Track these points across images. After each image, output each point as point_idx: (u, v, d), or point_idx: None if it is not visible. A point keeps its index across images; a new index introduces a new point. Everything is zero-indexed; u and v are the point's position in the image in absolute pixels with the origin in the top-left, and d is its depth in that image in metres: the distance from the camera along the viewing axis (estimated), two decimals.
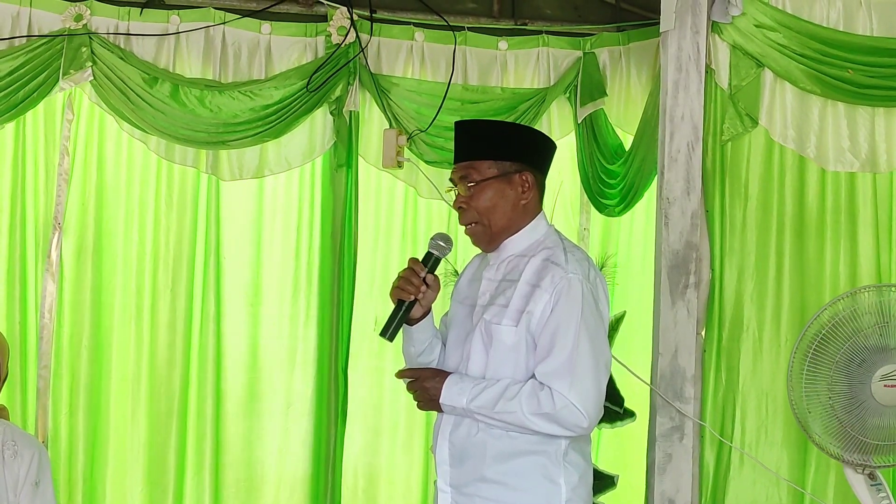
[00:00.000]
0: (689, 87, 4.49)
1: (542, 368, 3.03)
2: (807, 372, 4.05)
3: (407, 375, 3.21)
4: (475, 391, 3.06)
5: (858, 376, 4.02)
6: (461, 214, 3.18)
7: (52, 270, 5.19)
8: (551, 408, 2.99)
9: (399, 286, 3.14)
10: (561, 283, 3.04)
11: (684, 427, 4.42)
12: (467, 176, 3.15)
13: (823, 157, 4.74)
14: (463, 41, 5.50)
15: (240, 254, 5.38)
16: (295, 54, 5.37)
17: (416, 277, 3.14)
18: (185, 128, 5.22)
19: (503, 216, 3.15)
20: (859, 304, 4.05)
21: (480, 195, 3.13)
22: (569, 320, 3.02)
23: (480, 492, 3.08)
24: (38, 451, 3.58)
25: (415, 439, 5.47)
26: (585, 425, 3.03)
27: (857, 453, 4.04)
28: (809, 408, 4.06)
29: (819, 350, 4.05)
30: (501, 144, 3.16)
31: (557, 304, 3.03)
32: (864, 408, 4.01)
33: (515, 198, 3.15)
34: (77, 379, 5.18)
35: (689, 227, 4.47)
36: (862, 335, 4.02)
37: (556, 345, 3.02)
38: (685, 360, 4.42)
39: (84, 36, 5.11)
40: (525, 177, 3.15)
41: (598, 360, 3.05)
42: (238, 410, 5.34)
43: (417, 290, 3.14)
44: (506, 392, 3.03)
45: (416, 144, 5.38)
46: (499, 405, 3.03)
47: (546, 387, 3.01)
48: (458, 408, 3.08)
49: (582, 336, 3.02)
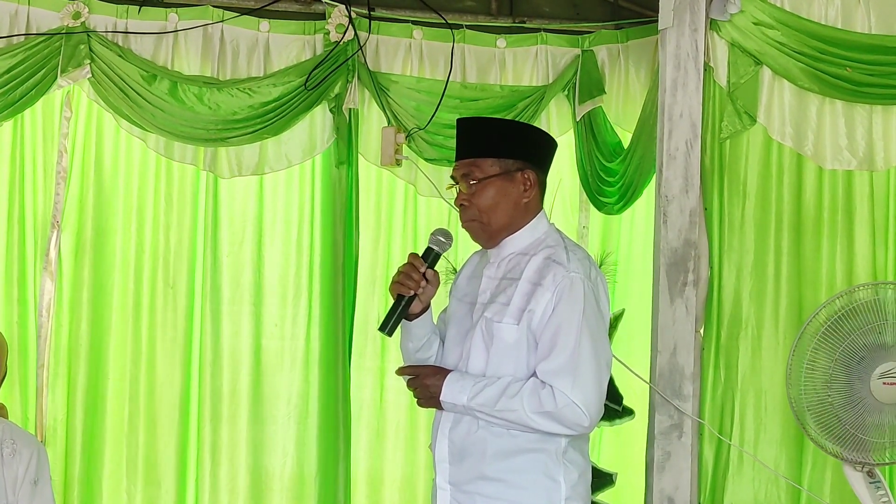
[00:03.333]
0: (688, 84, 4.49)
1: (543, 367, 3.03)
2: (805, 370, 4.05)
3: (407, 372, 3.21)
4: (476, 389, 3.05)
5: (857, 374, 4.02)
6: (462, 211, 3.17)
7: (50, 269, 5.18)
8: (553, 406, 3.00)
9: (398, 281, 3.13)
10: (563, 282, 3.04)
11: (683, 425, 4.42)
12: (469, 173, 3.14)
13: (821, 155, 4.74)
14: (461, 39, 5.50)
15: (240, 252, 5.37)
16: (293, 52, 5.37)
17: (416, 272, 3.13)
18: (183, 125, 5.22)
19: (504, 214, 3.14)
20: (857, 301, 4.05)
21: (482, 193, 3.13)
22: (571, 319, 3.02)
23: (480, 489, 3.08)
24: (37, 449, 3.58)
25: (417, 438, 5.46)
26: (587, 424, 3.03)
27: (856, 451, 4.04)
28: (808, 406, 4.07)
29: (818, 348, 4.06)
30: (504, 142, 3.16)
31: (559, 303, 3.03)
32: (863, 405, 4.01)
33: (517, 196, 3.15)
34: (75, 378, 5.16)
35: (688, 225, 4.47)
36: (860, 333, 4.02)
37: (557, 343, 3.02)
38: (684, 357, 4.42)
39: (82, 34, 5.11)
40: (527, 175, 3.15)
41: (600, 360, 3.06)
42: (240, 410, 5.32)
43: (417, 285, 3.13)
44: (507, 390, 3.03)
45: (415, 142, 5.38)
46: (500, 403, 3.02)
47: (548, 385, 3.01)
48: (459, 405, 3.07)
49: (584, 335, 3.02)
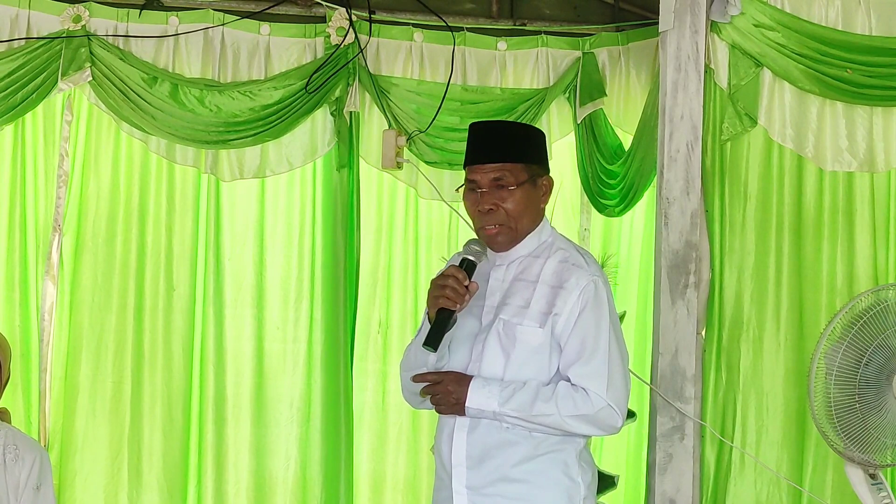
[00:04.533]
0: (689, 86, 4.49)
1: (576, 370, 3.04)
2: (836, 375, 3.92)
3: (429, 379, 3.14)
4: (505, 394, 3.04)
5: (884, 376, 3.94)
6: (487, 216, 3.13)
7: (52, 272, 5.18)
8: (590, 409, 3.02)
9: (445, 295, 3.07)
10: (588, 286, 3.07)
11: (685, 427, 4.42)
12: (501, 178, 3.12)
13: (822, 157, 4.74)
14: (462, 42, 5.49)
15: (241, 255, 5.35)
16: (294, 55, 5.36)
17: (461, 286, 3.08)
18: (185, 127, 5.21)
19: (530, 219, 3.16)
20: (885, 301, 3.94)
21: (513, 198, 3.12)
22: (599, 322, 3.06)
23: (503, 491, 3.08)
24: (40, 454, 3.58)
25: (420, 441, 5.44)
26: (619, 425, 3.08)
27: (871, 453, 3.96)
28: (836, 412, 3.93)
29: (848, 350, 3.93)
30: (530, 148, 3.18)
31: (586, 307, 3.06)
32: (887, 409, 3.92)
33: (538, 201, 3.18)
34: (77, 381, 5.15)
35: (689, 227, 4.47)
36: (888, 335, 3.92)
37: (588, 346, 3.04)
38: (685, 359, 4.43)
39: (83, 37, 5.10)
40: (546, 181, 3.19)
41: (625, 361, 3.12)
42: (242, 413, 5.30)
43: (462, 298, 3.09)
44: (540, 394, 3.03)
45: (415, 145, 5.37)
46: (535, 407, 3.02)
47: (581, 388, 3.03)
48: (488, 411, 3.05)
49: (612, 338, 3.07)
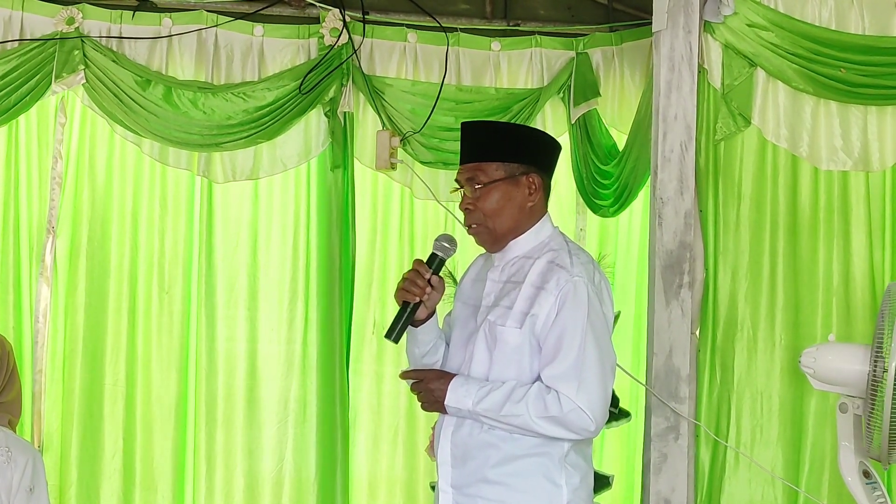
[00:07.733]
0: (682, 86, 4.49)
1: (548, 372, 3.03)
2: None
3: (412, 377, 3.20)
4: (481, 393, 3.05)
5: None
6: (467, 215, 3.18)
7: (46, 275, 5.17)
8: (558, 411, 3.00)
9: (404, 288, 3.14)
10: (566, 286, 3.04)
11: (679, 427, 4.42)
12: (474, 177, 3.14)
13: (816, 156, 4.74)
14: (456, 42, 5.49)
15: (235, 257, 5.36)
16: (288, 56, 5.36)
17: (421, 279, 3.13)
18: (178, 130, 5.20)
19: (509, 218, 3.15)
20: None
21: (487, 197, 3.13)
22: (575, 324, 3.03)
23: (482, 493, 3.08)
24: (33, 456, 3.57)
25: (416, 442, 5.44)
26: (592, 429, 3.03)
27: None
28: None
29: None
30: (509, 146, 3.16)
31: (563, 308, 3.03)
32: None
33: (522, 200, 3.15)
34: (71, 384, 5.16)
35: (683, 227, 4.47)
36: None
37: (562, 348, 3.02)
38: (680, 359, 4.42)
39: (76, 39, 5.10)
40: (532, 179, 3.15)
41: (604, 364, 3.06)
42: (237, 415, 5.30)
43: (422, 291, 3.13)
44: (512, 395, 3.02)
45: (410, 145, 5.37)
46: (505, 408, 3.02)
47: (553, 390, 3.01)
48: (464, 410, 3.07)
49: (588, 339, 3.02)
